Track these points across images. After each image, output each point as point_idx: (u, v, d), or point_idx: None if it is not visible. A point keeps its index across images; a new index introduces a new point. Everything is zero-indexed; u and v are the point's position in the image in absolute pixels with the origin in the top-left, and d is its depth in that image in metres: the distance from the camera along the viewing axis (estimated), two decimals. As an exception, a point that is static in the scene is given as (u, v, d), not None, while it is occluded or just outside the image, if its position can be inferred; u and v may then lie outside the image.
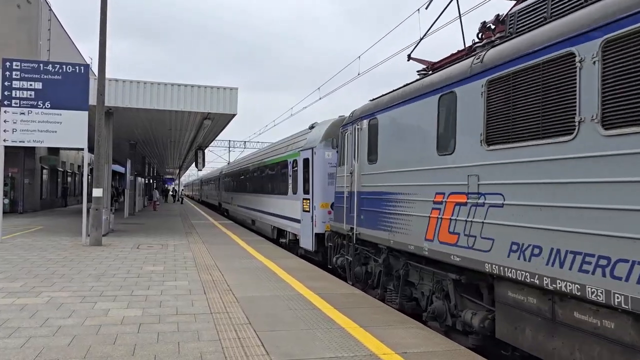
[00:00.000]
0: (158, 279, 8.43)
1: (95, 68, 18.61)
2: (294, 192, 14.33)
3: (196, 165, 27.40)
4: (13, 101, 12.93)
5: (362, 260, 9.35)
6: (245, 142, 63.35)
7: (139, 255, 11.23)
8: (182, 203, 49.26)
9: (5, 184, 26.20)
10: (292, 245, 14.72)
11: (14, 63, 13.05)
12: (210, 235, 16.53)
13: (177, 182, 76.34)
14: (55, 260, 10.33)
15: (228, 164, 38.96)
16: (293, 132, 16.94)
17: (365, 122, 8.93)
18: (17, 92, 12.94)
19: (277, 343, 5.05)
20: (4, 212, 17.10)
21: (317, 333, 5.43)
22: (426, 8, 8.60)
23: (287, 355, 4.70)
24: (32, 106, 13.02)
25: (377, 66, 16.59)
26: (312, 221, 12.56)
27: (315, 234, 12.42)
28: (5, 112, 12.86)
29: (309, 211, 12.83)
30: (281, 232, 16.38)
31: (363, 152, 8.92)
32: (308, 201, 12.90)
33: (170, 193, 57.16)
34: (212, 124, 18.57)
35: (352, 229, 9.27)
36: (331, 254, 11.19)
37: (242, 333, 5.39)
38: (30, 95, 13.04)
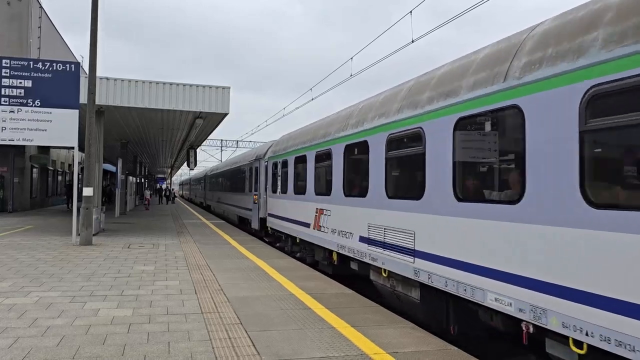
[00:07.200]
0: (149, 279, 8.39)
1: (86, 66, 18.49)
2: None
3: (188, 165, 27.26)
4: (2, 99, 12.78)
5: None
6: (237, 141, 63.16)
7: (130, 255, 11.17)
8: (173, 202, 49.01)
9: (-6, 183, 25.96)
10: None
11: (4, 61, 12.91)
12: (202, 234, 16.47)
13: (168, 181, 75.82)
14: (44, 259, 10.25)
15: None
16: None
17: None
18: (7, 90, 12.80)
19: (268, 343, 5.05)
20: (-7, 211, 16.96)
21: (308, 333, 5.44)
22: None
23: (278, 355, 4.70)
24: (22, 104, 12.89)
25: (369, 68, 16.61)
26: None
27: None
28: None
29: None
30: None
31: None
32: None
33: (164, 193, 54.97)
34: (204, 123, 18.51)
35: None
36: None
37: (233, 333, 5.38)
38: (20, 93, 12.91)
